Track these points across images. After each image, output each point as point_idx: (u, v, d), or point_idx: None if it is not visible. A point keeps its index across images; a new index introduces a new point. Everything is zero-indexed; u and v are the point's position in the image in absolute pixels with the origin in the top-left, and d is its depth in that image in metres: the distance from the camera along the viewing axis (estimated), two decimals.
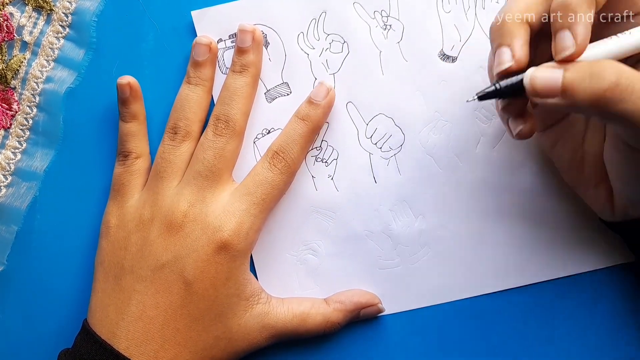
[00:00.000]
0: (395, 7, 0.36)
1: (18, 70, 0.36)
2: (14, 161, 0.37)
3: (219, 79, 0.37)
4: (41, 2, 0.36)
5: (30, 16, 0.36)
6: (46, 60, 0.37)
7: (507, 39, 0.28)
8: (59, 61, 0.37)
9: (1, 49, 0.36)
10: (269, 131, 0.37)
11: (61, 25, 0.37)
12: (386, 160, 0.37)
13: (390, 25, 0.36)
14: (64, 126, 0.37)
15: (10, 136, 0.37)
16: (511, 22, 0.28)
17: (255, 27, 0.35)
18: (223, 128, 0.34)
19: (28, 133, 0.37)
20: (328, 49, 0.37)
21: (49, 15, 0.36)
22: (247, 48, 0.35)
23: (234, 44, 0.36)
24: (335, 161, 0.37)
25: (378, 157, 0.37)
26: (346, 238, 0.37)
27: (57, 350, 0.33)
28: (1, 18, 0.36)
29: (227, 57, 0.37)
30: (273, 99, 0.37)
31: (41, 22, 0.36)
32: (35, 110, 0.37)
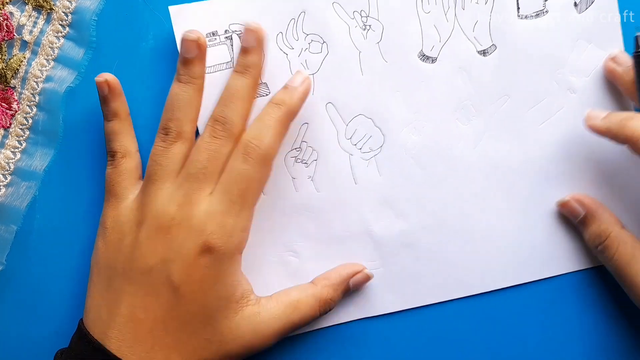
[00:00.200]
0: (374, 8, 0.36)
1: (18, 69, 0.36)
2: (14, 161, 0.37)
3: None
4: (41, 2, 0.36)
5: (30, 15, 0.36)
6: (46, 59, 0.36)
7: None
8: (59, 60, 0.37)
9: (1, 48, 0.36)
10: None
11: (61, 24, 0.36)
12: (366, 161, 0.37)
13: (369, 25, 0.36)
14: (64, 125, 0.37)
15: (9, 135, 0.37)
16: None
17: (259, 26, 0.34)
18: (220, 130, 0.33)
19: (28, 132, 0.37)
20: (307, 49, 0.36)
21: (49, 14, 0.36)
22: (250, 48, 0.34)
23: (211, 43, 0.36)
24: (315, 162, 0.37)
25: (358, 158, 0.37)
26: (327, 239, 0.37)
27: (55, 349, 0.33)
28: (1, 17, 0.35)
29: None
30: None
31: (41, 22, 0.36)
32: (35, 109, 0.37)
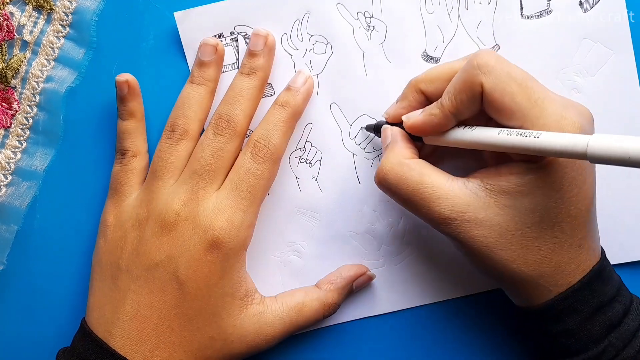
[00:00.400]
0: (378, 8, 0.36)
1: (18, 69, 0.36)
2: (14, 160, 0.37)
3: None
4: (41, 2, 0.36)
5: (30, 15, 0.36)
6: (46, 59, 0.37)
7: (400, 98, 0.34)
8: (59, 60, 0.37)
9: (1, 49, 0.36)
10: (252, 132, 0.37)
11: (61, 24, 0.37)
12: (370, 160, 0.37)
13: (373, 26, 0.36)
14: (64, 125, 0.37)
15: (10, 135, 0.37)
16: (408, 87, 0.34)
17: (269, 32, 0.35)
18: (224, 128, 0.34)
19: (28, 132, 0.37)
20: (311, 50, 0.37)
21: (49, 14, 0.36)
22: (258, 52, 0.35)
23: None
24: (319, 162, 0.37)
25: (362, 158, 0.37)
26: (330, 239, 0.37)
27: (56, 348, 0.34)
28: (1, 17, 0.36)
29: None
30: None
31: (41, 22, 0.36)
32: (35, 109, 0.37)
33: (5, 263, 0.37)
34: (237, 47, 0.37)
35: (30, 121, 0.37)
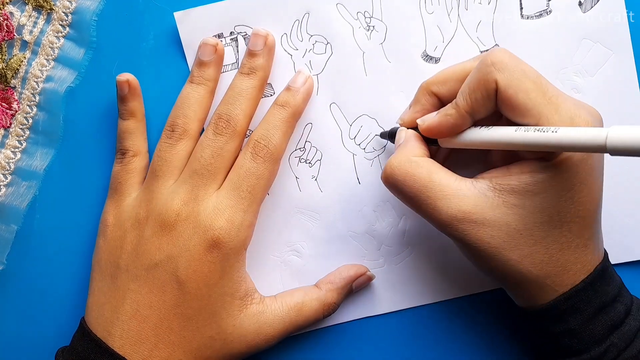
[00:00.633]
0: (378, 8, 0.36)
1: (18, 69, 0.36)
2: (14, 160, 0.37)
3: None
4: (41, 2, 0.36)
5: (30, 15, 0.36)
6: (46, 59, 0.37)
7: (412, 102, 0.34)
8: (59, 60, 0.37)
9: (1, 48, 0.36)
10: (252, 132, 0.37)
11: (61, 24, 0.37)
12: (370, 160, 0.37)
13: (373, 26, 0.36)
14: (64, 125, 0.37)
15: (10, 135, 0.37)
16: (420, 90, 0.33)
17: (268, 32, 0.35)
18: (224, 127, 0.34)
19: (28, 132, 0.37)
20: (311, 50, 0.37)
21: (49, 14, 0.36)
22: (258, 52, 0.35)
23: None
24: (319, 162, 0.37)
25: (362, 158, 0.37)
26: (330, 239, 0.37)
27: (56, 348, 0.34)
28: (1, 17, 0.36)
29: None
30: None
31: (41, 22, 0.36)
32: (35, 109, 0.37)
33: (4, 263, 0.37)
34: (237, 47, 0.37)
35: (30, 121, 0.37)
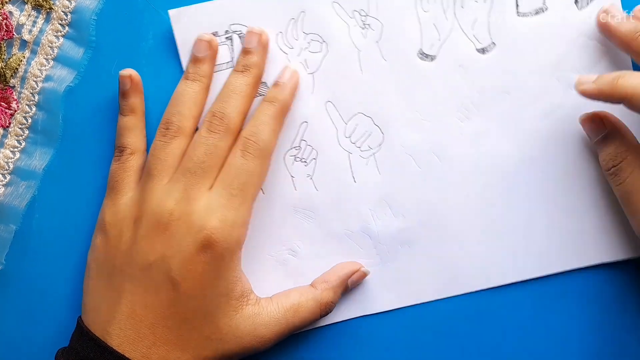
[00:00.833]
0: (374, 7, 0.36)
1: (17, 69, 0.36)
2: (13, 160, 0.37)
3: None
4: (40, 1, 0.36)
5: (29, 15, 0.36)
6: (45, 58, 0.37)
7: None
8: (59, 60, 0.37)
9: (0, 48, 0.36)
10: None
11: (60, 23, 0.37)
12: (365, 159, 0.37)
13: (369, 24, 0.36)
14: (63, 125, 0.37)
15: (9, 135, 0.37)
16: None
17: (263, 30, 0.35)
18: (217, 125, 0.34)
19: (27, 132, 0.37)
20: (307, 49, 0.37)
21: (49, 13, 0.36)
22: (252, 49, 0.35)
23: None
24: (314, 161, 0.37)
25: (357, 157, 0.37)
26: (325, 238, 0.37)
27: (55, 349, 0.34)
28: (0, 16, 0.36)
29: None
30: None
31: (40, 21, 0.36)
32: (34, 109, 0.37)
33: (3, 263, 0.37)
34: (232, 46, 0.36)
35: (29, 121, 0.37)
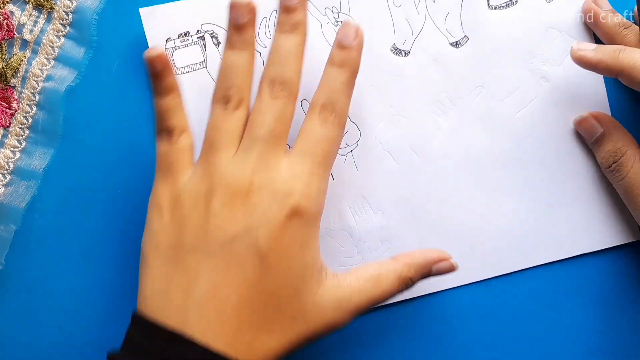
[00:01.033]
0: (345, 4, 0.36)
1: (18, 68, 0.36)
2: (13, 160, 0.37)
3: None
4: (42, 1, 0.36)
5: (30, 14, 0.36)
6: (46, 58, 0.36)
7: None
8: (60, 59, 0.37)
9: (1, 48, 0.36)
10: None
11: (62, 23, 0.36)
12: (343, 156, 0.37)
13: (341, 21, 0.36)
14: (64, 125, 0.37)
15: (9, 135, 0.37)
16: None
17: None
18: (280, 90, 0.32)
19: (27, 132, 0.37)
20: None
21: (50, 13, 0.36)
22: (295, 6, 0.32)
23: (184, 44, 0.36)
24: None
25: None
26: None
27: (55, 349, 0.33)
28: (1, 16, 0.35)
29: (177, 57, 0.36)
30: None
31: (42, 21, 0.36)
32: (35, 108, 0.37)
33: (3, 263, 0.37)
34: (205, 46, 0.36)
35: (29, 120, 0.37)
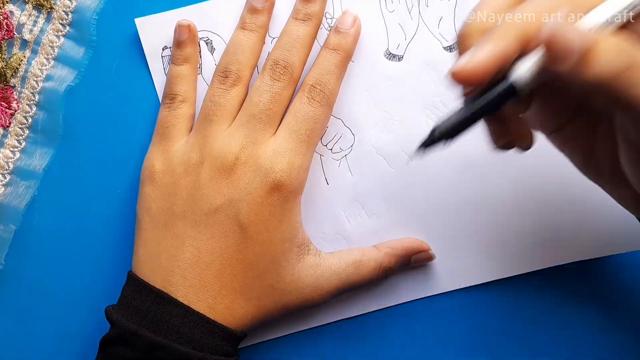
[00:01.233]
0: (339, 9, 0.36)
1: (18, 68, 0.36)
2: (13, 160, 0.37)
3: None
4: (41, 1, 0.36)
5: (30, 14, 0.36)
6: (46, 58, 0.37)
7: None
8: (59, 59, 0.37)
9: (1, 48, 0.36)
10: None
11: (61, 23, 0.37)
12: (337, 161, 0.37)
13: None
14: (64, 125, 0.37)
15: (9, 135, 0.37)
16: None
17: None
18: (281, 73, 0.33)
19: (27, 132, 0.37)
20: None
21: (49, 13, 0.37)
22: None
23: None
24: None
25: (329, 158, 0.37)
26: None
27: (54, 349, 0.33)
28: (1, 16, 0.36)
29: None
30: None
31: (41, 21, 0.37)
32: (34, 108, 0.37)
33: (3, 263, 0.37)
34: (200, 53, 0.37)
35: (29, 120, 0.37)
